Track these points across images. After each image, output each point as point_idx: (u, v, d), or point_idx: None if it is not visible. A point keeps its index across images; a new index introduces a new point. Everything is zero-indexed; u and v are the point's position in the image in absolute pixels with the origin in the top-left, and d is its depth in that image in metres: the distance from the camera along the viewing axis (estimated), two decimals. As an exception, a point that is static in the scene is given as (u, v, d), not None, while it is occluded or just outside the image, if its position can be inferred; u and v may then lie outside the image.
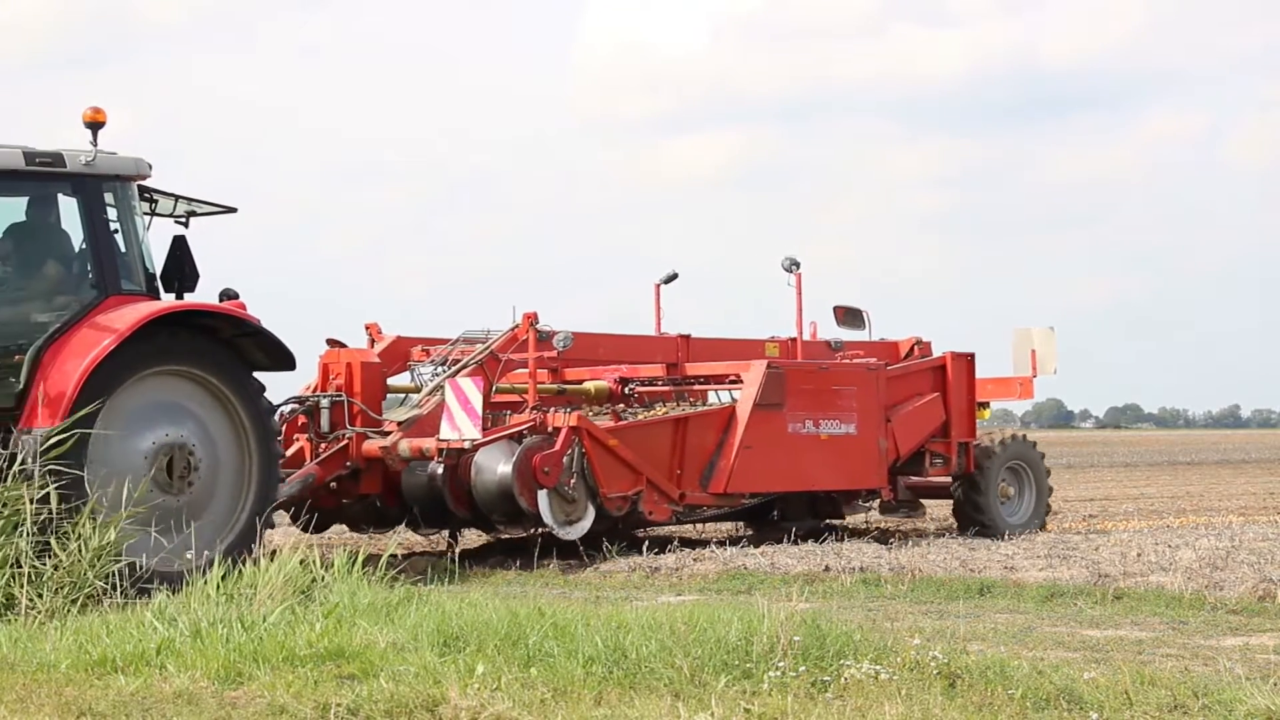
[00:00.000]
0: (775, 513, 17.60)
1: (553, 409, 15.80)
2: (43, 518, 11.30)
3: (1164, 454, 55.22)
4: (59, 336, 12.77)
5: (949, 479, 18.10)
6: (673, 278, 18.46)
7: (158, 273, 13.57)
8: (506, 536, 16.23)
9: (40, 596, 10.45)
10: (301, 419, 15.61)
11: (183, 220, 14.15)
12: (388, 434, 15.49)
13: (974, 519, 17.87)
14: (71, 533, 11.11)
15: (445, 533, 16.66)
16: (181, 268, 13.71)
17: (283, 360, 13.82)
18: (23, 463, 12.00)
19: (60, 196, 13.34)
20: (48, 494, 11.59)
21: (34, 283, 13.18)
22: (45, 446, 12.05)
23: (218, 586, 10.23)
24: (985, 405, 18.93)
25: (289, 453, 15.37)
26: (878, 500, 18.12)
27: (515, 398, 16.46)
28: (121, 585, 11.40)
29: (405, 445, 15.26)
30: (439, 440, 15.11)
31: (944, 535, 16.43)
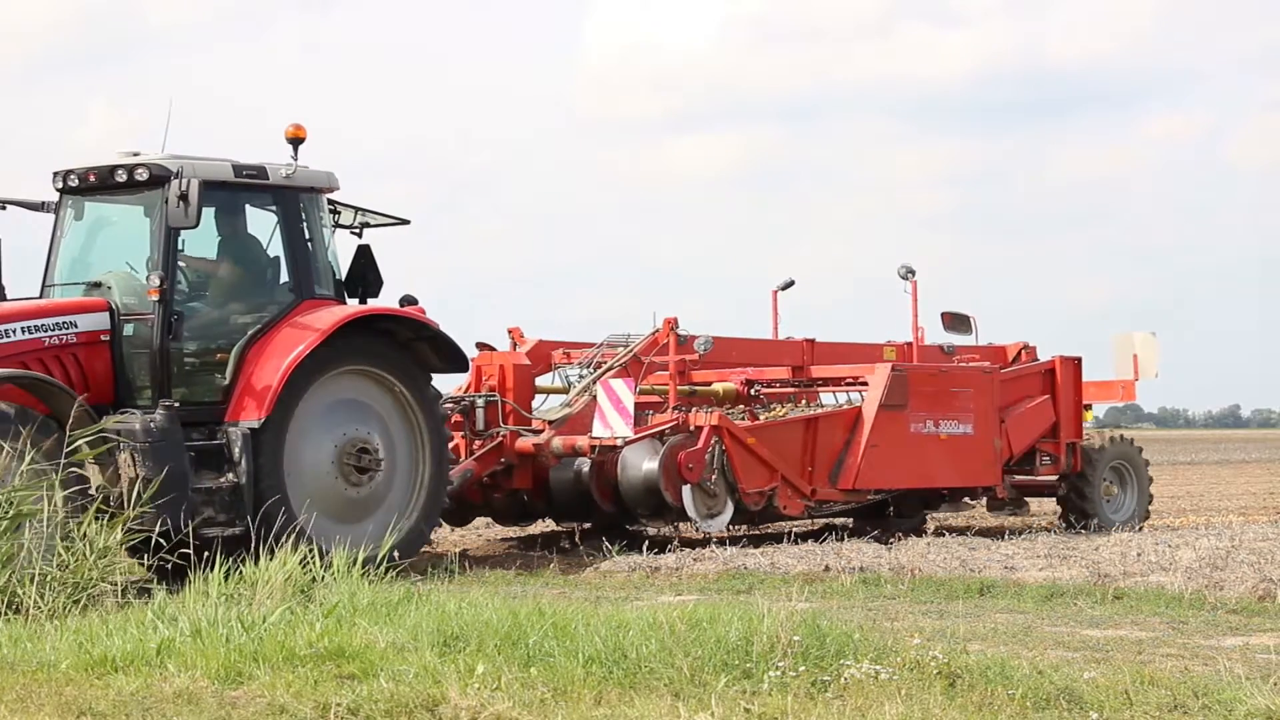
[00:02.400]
0: (891, 509, 18.19)
1: (694, 409, 16.60)
2: (60, 517, 11.45)
3: (1164, 454, 55.20)
4: (260, 337, 13.77)
5: (1054, 478, 18.91)
6: (789, 284, 19.38)
7: (343, 279, 14.62)
8: (637, 528, 17.01)
9: (43, 597, 10.44)
10: (457, 417, 16.18)
11: (357, 231, 15.18)
12: (539, 432, 16.44)
13: (1081, 516, 18.61)
14: (77, 532, 11.12)
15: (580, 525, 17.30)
16: (365, 274, 14.73)
17: (456, 362, 14.94)
18: (231, 452, 13.23)
19: (261, 207, 14.31)
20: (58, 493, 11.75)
21: (236, 287, 14.18)
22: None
23: (218, 586, 10.23)
24: (1089, 407, 19.65)
25: None
26: (984, 498, 18.91)
27: (653, 398, 17.20)
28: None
29: (558, 442, 16.17)
30: (591, 438, 16.01)
31: (943, 535, 16.44)
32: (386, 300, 14.77)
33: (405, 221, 15.76)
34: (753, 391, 17.96)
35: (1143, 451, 19.71)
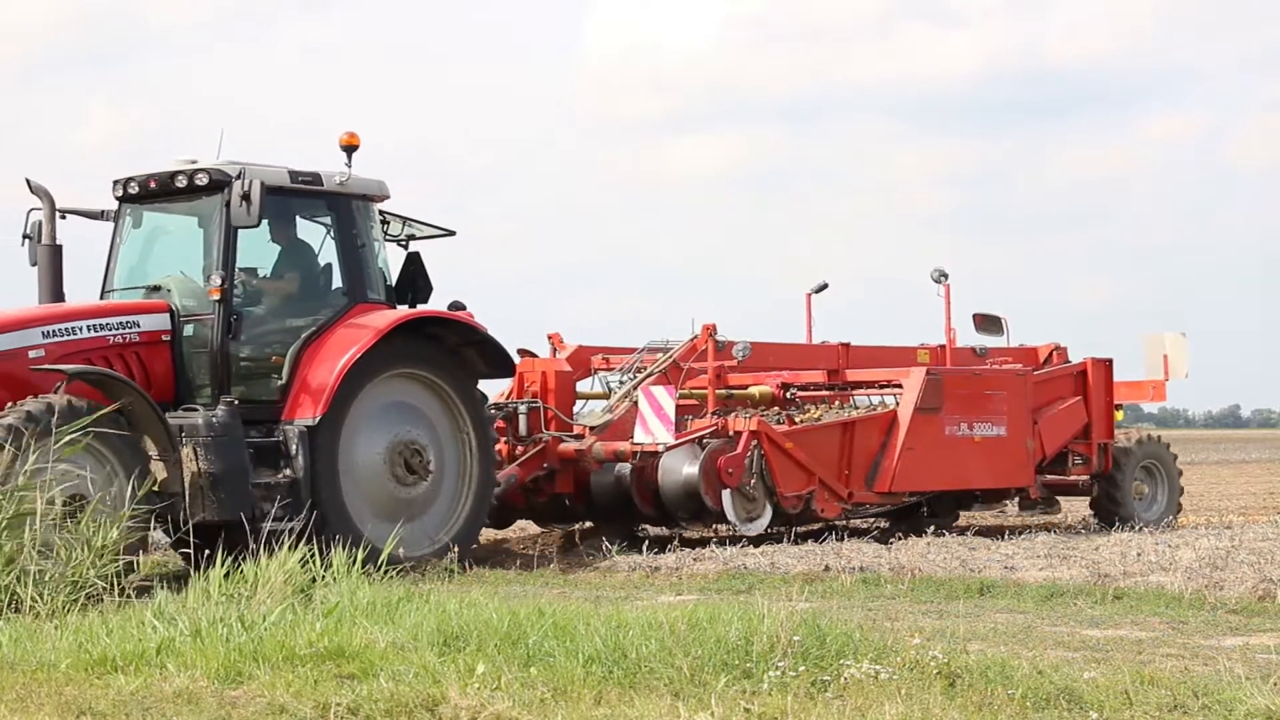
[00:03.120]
0: (924, 509, 18.41)
1: (733, 413, 16.99)
2: (50, 518, 11.50)
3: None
4: (315, 339, 14.22)
5: (1086, 478, 19.22)
6: (823, 287, 19.58)
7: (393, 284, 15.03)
8: (690, 533, 17.29)
9: (42, 597, 10.44)
10: (500, 423, 16.38)
11: (403, 242, 15.61)
12: (581, 437, 16.77)
13: (1112, 514, 18.94)
14: (76, 533, 11.15)
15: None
16: (415, 280, 15.13)
17: (503, 367, 15.46)
18: (287, 449, 13.69)
19: (314, 213, 14.75)
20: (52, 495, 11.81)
21: (291, 290, 14.62)
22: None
23: (218, 586, 10.24)
24: (1119, 407, 19.92)
25: None
26: (1016, 498, 19.24)
27: (690, 402, 17.41)
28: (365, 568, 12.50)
29: (600, 448, 16.47)
30: (633, 443, 16.27)
31: (943, 535, 16.45)
32: (435, 306, 15.14)
33: (451, 233, 16.18)
34: (788, 395, 18.19)
35: (1170, 448, 20.01)
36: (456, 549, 14.27)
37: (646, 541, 15.55)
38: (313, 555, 10.89)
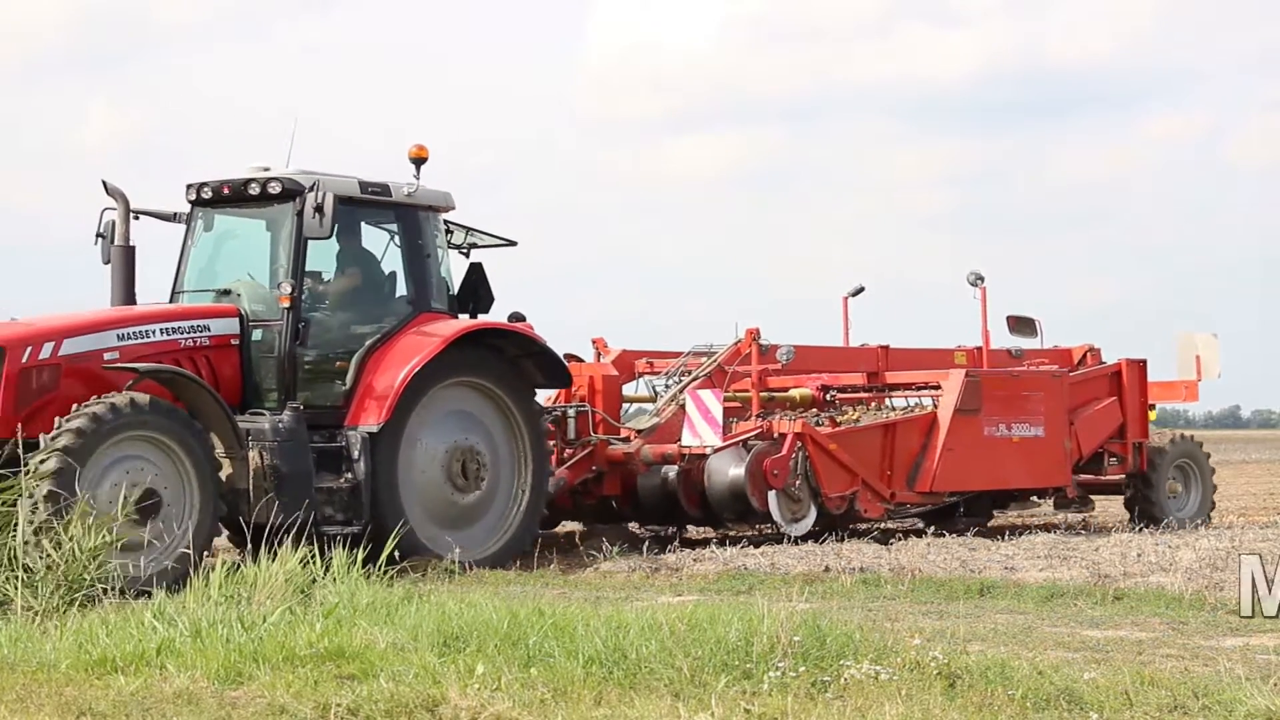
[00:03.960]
0: (961, 509, 18.64)
1: (778, 416, 17.20)
2: (40, 519, 11.73)
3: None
4: (380, 346, 14.52)
5: (1119, 477, 19.52)
6: (859, 291, 19.77)
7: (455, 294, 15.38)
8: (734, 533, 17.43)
9: (36, 596, 10.44)
10: (549, 426, 16.46)
11: (465, 251, 15.94)
12: (628, 440, 17.09)
13: (1146, 513, 19.11)
14: (64, 533, 11.16)
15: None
16: (477, 291, 15.46)
17: (559, 378, 15.95)
18: (350, 454, 14.00)
19: (381, 223, 15.11)
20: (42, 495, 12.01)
21: (356, 298, 14.94)
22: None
23: (218, 586, 10.24)
24: (1153, 407, 20.16)
25: None
26: (1051, 497, 19.46)
27: (733, 405, 17.55)
28: (424, 569, 13.63)
29: (648, 450, 16.80)
30: (681, 446, 16.60)
31: (943, 535, 16.45)
32: (495, 317, 15.49)
33: (512, 243, 16.49)
34: (828, 397, 18.34)
35: (1204, 448, 20.21)
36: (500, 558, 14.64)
37: (646, 542, 15.56)
38: (313, 556, 10.91)
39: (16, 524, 11.18)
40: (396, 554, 12.94)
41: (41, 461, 12.33)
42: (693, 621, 8.63)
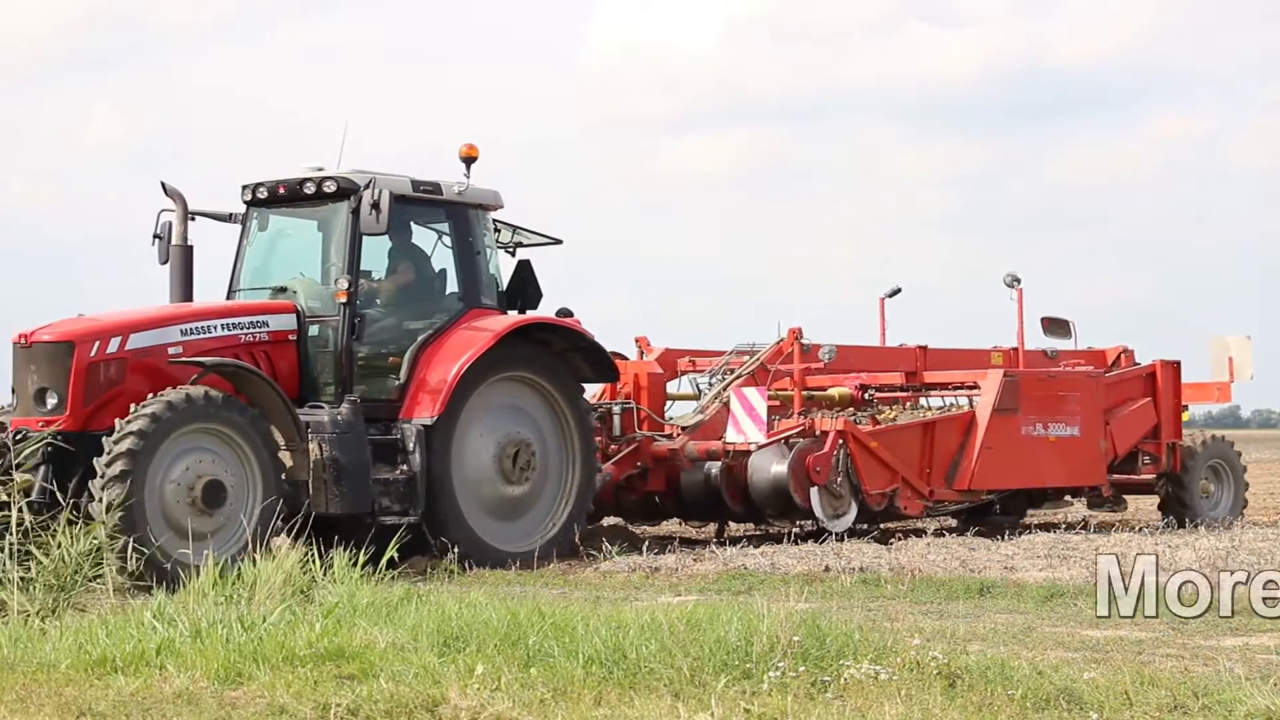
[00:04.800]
0: (996, 507, 18.96)
1: (819, 414, 17.56)
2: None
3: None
4: (432, 341, 14.88)
5: (1152, 477, 19.79)
6: (896, 291, 20.06)
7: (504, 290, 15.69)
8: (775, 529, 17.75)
9: (30, 596, 10.44)
10: (594, 423, 16.55)
11: (511, 249, 16.26)
12: (672, 437, 17.38)
13: (1179, 513, 19.42)
14: (52, 539, 11.19)
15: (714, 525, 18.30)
16: (524, 288, 15.77)
17: (607, 372, 16.26)
18: (405, 446, 14.35)
19: (430, 221, 15.46)
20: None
21: (408, 294, 15.30)
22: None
23: (216, 586, 10.24)
24: (1185, 408, 20.48)
25: None
26: (1084, 496, 19.85)
27: (773, 403, 17.66)
28: (471, 561, 14.18)
29: (692, 447, 17.09)
30: (725, 442, 16.85)
31: (944, 535, 16.46)
32: (544, 312, 15.80)
33: (558, 241, 16.74)
34: (866, 396, 18.59)
35: (1235, 446, 20.55)
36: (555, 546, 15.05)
37: (646, 542, 15.57)
38: (312, 558, 10.93)
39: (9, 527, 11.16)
40: (454, 547, 14.15)
41: (112, 451, 12.79)
42: (692, 621, 8.63)
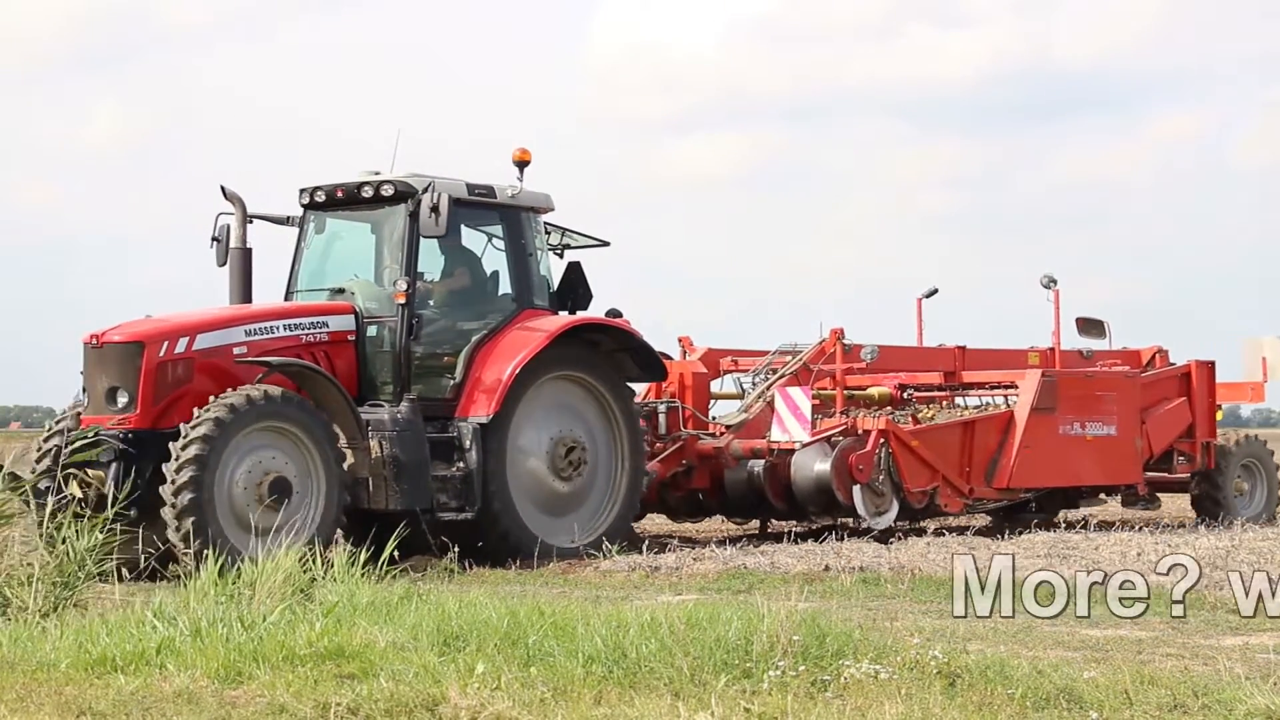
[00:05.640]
0: (1033, 505, 19.27)
1: (860, 413, 17.85)
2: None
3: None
4: (487, 341, 15.24)
5: (1187, 475, 20.11)
6: (933, 292, 20.35)
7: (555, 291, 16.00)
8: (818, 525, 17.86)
9: (30, 597, 10.44)
10: (640, 422, 16.77)
11: (559, 251, 16.60)
12: (716, 435, 17.66)
13: (1213, 511, 19.72)
14: (57, 536, 11.20)
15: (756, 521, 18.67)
16: (575, 289, 16.08)
17: (655, 371, 16.55)
18: (462, 444, 14.75)
19: (481, 224, 15.79)
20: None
21: (462, 295, 15.64)
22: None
23: (217, 586, 10.24)
24: (1219, 408, 20.74)
25: None
26: (1119, 494, 20.08)
27: (815, 403, 17.91)
28: (521, 555, 14.61)
29: (737, 445, 17.40)
30: (770, 441, 17.19)
31: (943, 534, 16.47)
32: (594, 313, 16.16)
33: (605, 243, 17.13)
34: (905, 395, 18.94)
35: (1268, 445, 20.76)
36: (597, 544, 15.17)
37: (646, 541, 15.58)
38: (313, 558, 10.95)
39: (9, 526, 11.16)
40: (506, 543, 14.68)
41: (183, 449, 13.26)
42: (692, 621, 8.63)
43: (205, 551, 12.54)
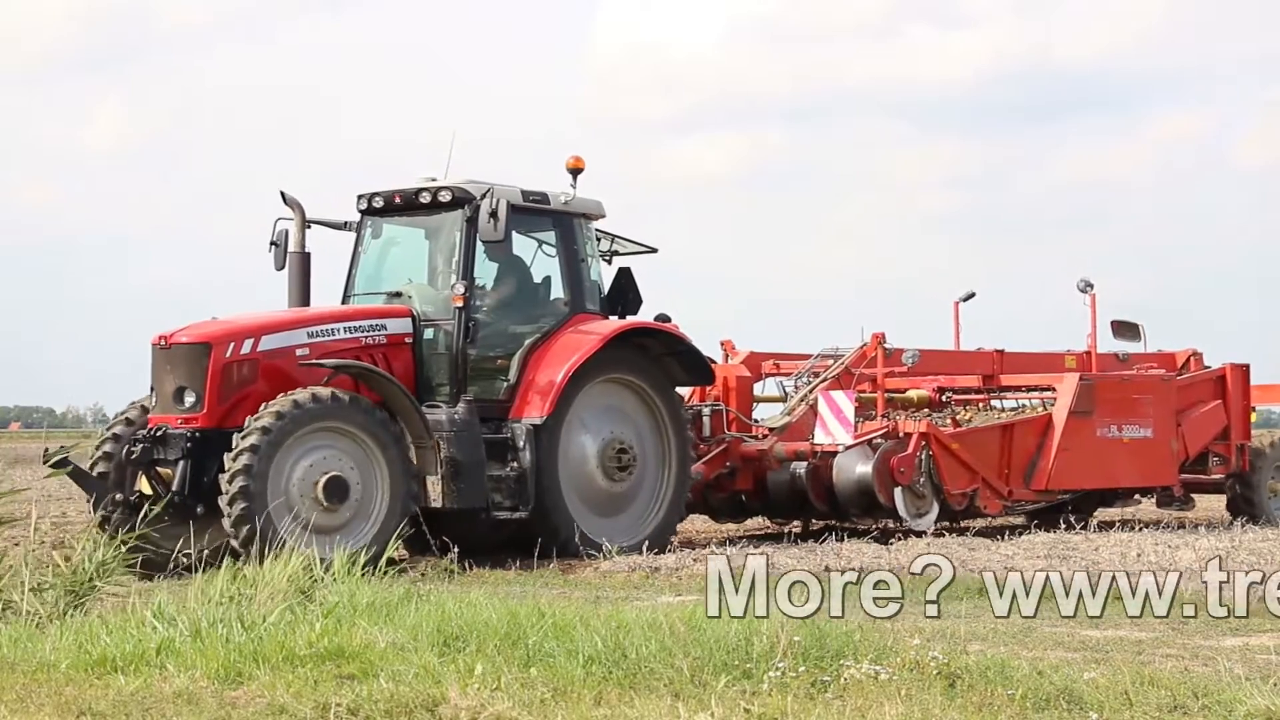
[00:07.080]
0: (1069, 506, 19.36)
1: (901, 415, 18.17)
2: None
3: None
4: (541, 344, 15.52)
5: (1221, 477, 20.29)
6: (970, 296, 20.53)
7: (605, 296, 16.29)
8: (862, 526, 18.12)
9: (40, 600, 10.44)
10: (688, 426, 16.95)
11: (607, 258, 16.92)
12: (760, 438, 17.85)
13: (1247, 511, 19.87)
14: (76, 543, 11.26)
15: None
16: (625, 294, 16.40)
17: (702, 375, 16.82)
18: (516, 444, 15.00)
19: (534, 230, 16.06)
20: None
21: (516, 299, 15.90)
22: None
23: (217, 586, 10.24)
24: (1253, 409, 21.01)
25: None
26: (1153, 495, 20.21)
27: (855, 405, 18.08)
28: (575, 550, 14.96)
29: (780, 447, 17.57)
30: (813, 443, 17.38)
31: (943, 535, 16.48)
32: (643, 318, 16.42)
33: (653, 250, 17.44)
34: (944, 398, 19.16)
35: None
36: (647, 543, 15.28)
37: (646, 541, 15.56)
38: (311, 559, 10.93)
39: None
40: (555, 544, 14.94)
41: (239, 446, 13.57)
42: (693, 621, 8.63)
43: (257, 544, 12.95)
